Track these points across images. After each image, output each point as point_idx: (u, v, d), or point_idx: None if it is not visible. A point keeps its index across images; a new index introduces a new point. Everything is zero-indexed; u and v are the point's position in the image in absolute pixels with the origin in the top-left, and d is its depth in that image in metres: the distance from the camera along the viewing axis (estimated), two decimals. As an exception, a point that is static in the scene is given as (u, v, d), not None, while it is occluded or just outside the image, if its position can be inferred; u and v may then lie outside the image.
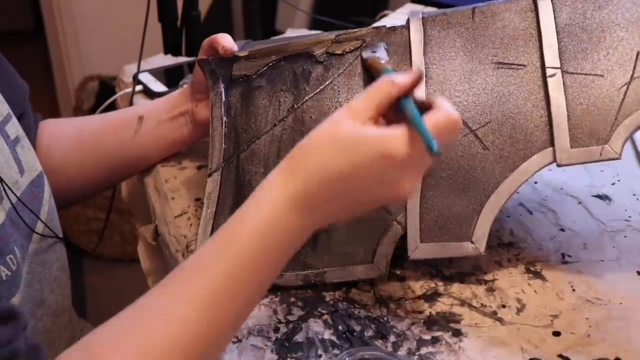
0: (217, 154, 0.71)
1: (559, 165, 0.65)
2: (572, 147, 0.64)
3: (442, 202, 0.66)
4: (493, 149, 0.66)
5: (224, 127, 0.72)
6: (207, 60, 0.75)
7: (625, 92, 0.64)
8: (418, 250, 0.66)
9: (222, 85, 0.74)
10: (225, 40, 0.76)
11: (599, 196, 0.79)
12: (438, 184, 0.67)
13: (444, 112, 0.50)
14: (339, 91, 0.70)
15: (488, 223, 0.65)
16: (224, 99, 0.73)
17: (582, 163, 0.64)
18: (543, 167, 0.65)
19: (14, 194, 0.67)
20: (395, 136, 0.49)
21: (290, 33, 1.25)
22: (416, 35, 0.70)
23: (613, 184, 0.81)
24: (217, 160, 0.71)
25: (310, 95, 0.71)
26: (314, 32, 1.21)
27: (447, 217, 0.66)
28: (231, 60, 0.75)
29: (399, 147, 0.49)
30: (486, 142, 0.66)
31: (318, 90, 0.71)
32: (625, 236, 0.73)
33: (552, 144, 0.65)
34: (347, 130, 0.50)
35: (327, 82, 0.71)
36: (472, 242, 0.66)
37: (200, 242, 0.68)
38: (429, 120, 0.49)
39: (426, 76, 0.69)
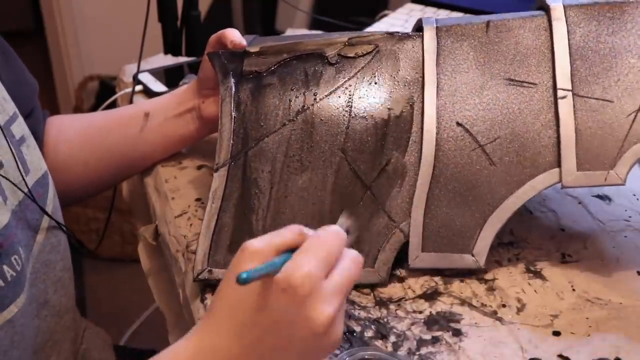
0: (225, 150, 0.71)
1: (563, 187, 0.65)
2: (578, 169, 0.65)
3: (446, 213, 0.67)
4: (500, 165, 0.66)
5: (232, 122, 0.71)
6: (217, 53, 0.75)
7: (634, 120, 0.64)
8: (419, 259, 0.67)
9: (232, 80, 0.73)
10: (234, 35, 0.75)
11: (599, 196, 0.79)
12: (443, 195, 0.67)
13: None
14: (350, 94, 0.70)
15: (490, 237, 0.66)
16: (234, 94, 0.73)
17: (587, 186, 0.65)
18: (548, 187, 0.65)
19: (22, 191, 0.67)
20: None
21: (290, 33, 1.25)
22: (430, 44, 0.71)
23: (613, 184, 0.81)
24: (225, 156, 0.70)
25: (320, 97, 0.71)
26: (315, 32, 1.21)
27: (450, 228, 0.66)
28: (242, 56, 0.74)
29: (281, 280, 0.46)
30: (494, 157, 0.67)
31: (329, 92, 0.71)
32: (625, 236, 0.73)
33: (558, 164, 0.65)
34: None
35: (338, 85, 0.71)
36: (472, 255, 0.66)
37: (204, 236, 0.68)
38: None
39: (437, 87, 0.69)
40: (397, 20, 1.25)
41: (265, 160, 0.70)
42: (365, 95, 0.70)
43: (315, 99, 0.71)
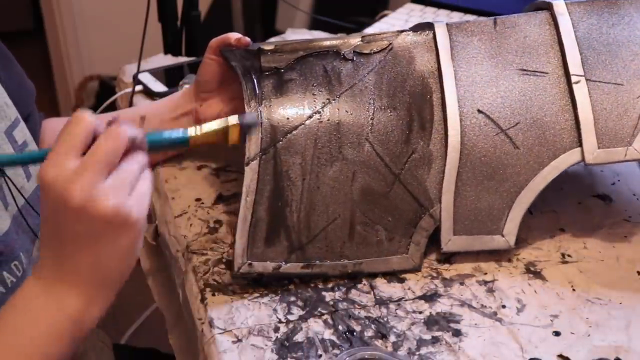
0: (255, 143, 0.71)
1: (586, 165, 0.68)
2: (599, 147, 0.68)
3: (475, 197, 0.69)
4: (523, 148, 0.69)
5: (260, 117, 0.72)
6: (232, 50, 0.76)
7: None
8: (451, 242, 0.69)
9: (254, 75, 0.74)
10: (237, 34, 0.76)
11: (599, 196, 0.79)
12: (471, 179, 0.69)
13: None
14: (371, 89, 0.73)
15: (518, 217, 0.69)
16: (257, 90, 0.73)
17: (608, 163, 0.68)
18: (572, 165, 0.69)
19: (22, 196, 0.66)
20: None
21: (290, 33, 1.25)
22: (443, 40, 0.74)
23: (613, 184, 0.81)
24: (254, 150, 0.70)
25: (343, 91, 0.73)
26: (316, 33, 1.21)
27: (479, 211, 0.69)
28: (257, 53, 0.75)
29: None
30: (516, 141, 0.70)
31: (349, 86, 0.73)
32: (625, 236, 0.73)
33: (579, 144, 0.68)
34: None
35: (358, 79, 0.73)
36: (503, 236, 0.68)
37: (241, 230, 0.68)
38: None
39: (455, 78, 0.72)
40: (397, 21, 1.25)
41: (295, 152, 0.70)
42: (386, 88, 0.72)
43: (338, 92, 0.72)
